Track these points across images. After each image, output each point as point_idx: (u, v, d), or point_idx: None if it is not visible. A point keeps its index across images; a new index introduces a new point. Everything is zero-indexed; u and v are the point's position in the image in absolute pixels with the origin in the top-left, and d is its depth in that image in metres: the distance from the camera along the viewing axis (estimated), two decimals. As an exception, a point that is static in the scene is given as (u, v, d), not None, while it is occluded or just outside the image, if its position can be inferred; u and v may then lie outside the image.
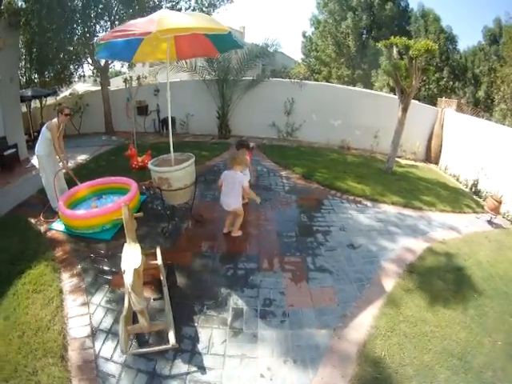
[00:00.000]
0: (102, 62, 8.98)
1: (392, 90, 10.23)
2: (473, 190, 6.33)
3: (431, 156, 8.29)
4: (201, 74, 8.92)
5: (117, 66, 11.88)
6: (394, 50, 6.07)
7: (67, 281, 3.19)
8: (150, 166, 3.73)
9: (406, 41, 5.73)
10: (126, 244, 2.79)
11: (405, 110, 6.21)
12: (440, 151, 8.05)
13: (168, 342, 2.31)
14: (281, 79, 9.24)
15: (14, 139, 6.85)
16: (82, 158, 7.50)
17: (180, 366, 2.26)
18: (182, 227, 4.16)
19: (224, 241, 3.81)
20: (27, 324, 2.59)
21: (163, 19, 2.79)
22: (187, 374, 2.21)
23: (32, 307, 2.78)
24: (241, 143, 4.55)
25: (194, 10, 9.05)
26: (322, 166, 6.66)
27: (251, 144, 4.80)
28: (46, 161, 4.67)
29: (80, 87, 11.82)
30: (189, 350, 2.39)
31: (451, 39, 14.79)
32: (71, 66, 9.51)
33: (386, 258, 3.55)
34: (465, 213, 5.10)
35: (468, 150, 6.84)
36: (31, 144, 9.57)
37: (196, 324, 2.61)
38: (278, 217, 4.45)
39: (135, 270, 2.24)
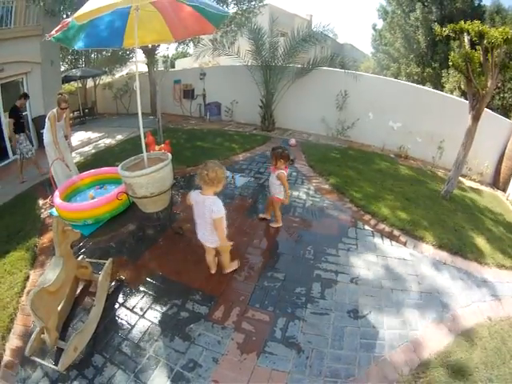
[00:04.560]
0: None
1: (463, 94, 8.14)
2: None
3: (499, 181, 6.48)
4: (244, 58, 8.16)
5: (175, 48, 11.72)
6: (466, 39, 4.40)
7: (36, 270, 3.22)
8: (119, 168, 3.20)
9: (480, 26, 4.12)
10: (53, 257, 2.50)
11: (476, 118, 4.54)
12: (511, 176, 6.22)
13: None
14: (333, 68, 7.95)
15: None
16: (116, 139, 7.59)
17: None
18: (159, 237, 3.60)
19: (190, 265, 3.10)
20: (-9, 300, 2.79)
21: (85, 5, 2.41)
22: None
23: (1, 286, 3.00)
24: (278, 154, 3.29)
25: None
26: (365, 178, 5.39)
27: (292, 155, 3.62)
28: (50, 148, 4.82)
29: (138, 67, 12.15)
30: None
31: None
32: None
33: (394, 346, 2.35)
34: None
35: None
36: (84, 120, 10.28)
37: (107, 356, 2.24)
38: (275, 245, 3.48)
39: (43, 289, 2.10)
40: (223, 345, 2.29)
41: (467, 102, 4.85)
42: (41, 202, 4.83)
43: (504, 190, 6.30)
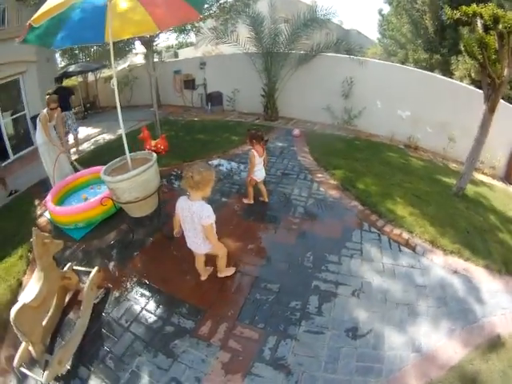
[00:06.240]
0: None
1: (474, 82, 7.55)
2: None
3: (511, 175, 6.16)
4: (244, 46, 7.81)
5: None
6: (479, 23, 3.98)
7: (30, 277, 3.11)
8: (101, 172, 3.03)
9: (495, 9, 3.73)
10: (35, 271, 2.43)
11: (492, 109, 4.16)
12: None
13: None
14: (337, 54, 7.54)
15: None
16: (117, 133, 7.45)
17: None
18: (148, 242, 3.45)
19: (179, 274, 2.92)
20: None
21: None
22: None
23: (-4, 293, 2.89)
24: (252, 135, 3.62)
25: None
26: (372, 172, 5.04)
27: (265, 135, 3.81)
28: (44, 149, 4.74)
29: (138, 60, 11.90)
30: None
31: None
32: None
33: (393, 371, 2.10)
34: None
35: None
36: (85, 114, 10.18)
37: (92, 369, 2.19)
38: (271, 251, 3.23)
39: (25, 305, 2.05)
40: (207, 364, 2.14)
41: (479, 91, 4.46)
42: (37, 203, 4.74)
43: (516, 184, 5.93)
